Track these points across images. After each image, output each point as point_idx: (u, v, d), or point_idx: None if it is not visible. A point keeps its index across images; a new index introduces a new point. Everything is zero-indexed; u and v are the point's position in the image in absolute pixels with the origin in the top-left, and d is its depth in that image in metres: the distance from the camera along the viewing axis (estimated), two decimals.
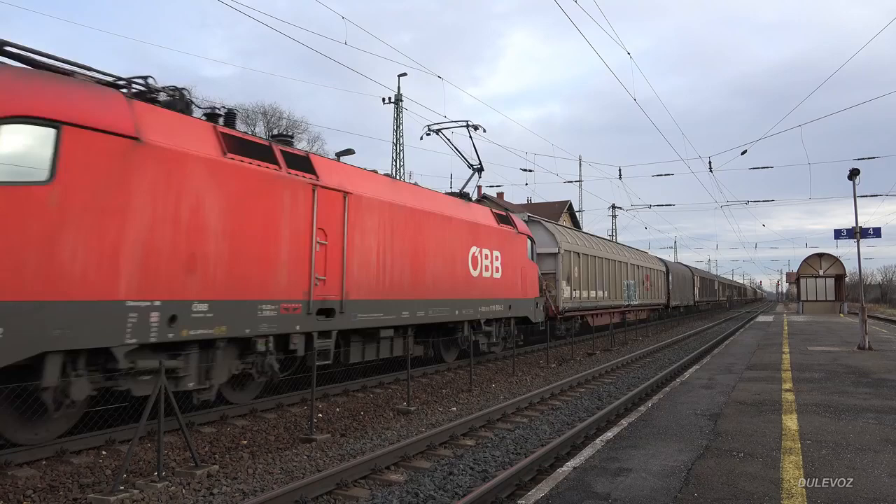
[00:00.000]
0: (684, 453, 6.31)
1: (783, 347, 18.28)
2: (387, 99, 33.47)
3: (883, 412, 8.38)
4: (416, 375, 13.33)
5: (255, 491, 6.20)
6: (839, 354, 16.07)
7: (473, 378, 13.01)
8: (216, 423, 8.80)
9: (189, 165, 7.70)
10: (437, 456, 7.64)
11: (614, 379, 14.63)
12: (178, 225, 7.53)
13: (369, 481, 6.63)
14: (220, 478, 6.59)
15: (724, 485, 5.27)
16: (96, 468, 6.73)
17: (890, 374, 12.16)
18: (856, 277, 50.83)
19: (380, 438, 8.45)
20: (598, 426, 9.12)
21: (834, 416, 8.13)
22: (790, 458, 6.08)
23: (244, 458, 7.36)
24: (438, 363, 14.98)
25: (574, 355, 19.07)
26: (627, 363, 17.76)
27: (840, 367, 13.45)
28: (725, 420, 7.92)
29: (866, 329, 17.76)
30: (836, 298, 44.14)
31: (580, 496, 5.03)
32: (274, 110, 46.42)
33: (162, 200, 7.34)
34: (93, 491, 6.05)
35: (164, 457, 6.62)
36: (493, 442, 8.42)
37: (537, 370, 15.78)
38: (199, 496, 6.04)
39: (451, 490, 6.32)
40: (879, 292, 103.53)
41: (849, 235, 20.11)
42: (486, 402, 11.33)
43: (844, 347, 17.97)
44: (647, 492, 5.10)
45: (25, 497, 5.87)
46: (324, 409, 10.04)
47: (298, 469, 7.00)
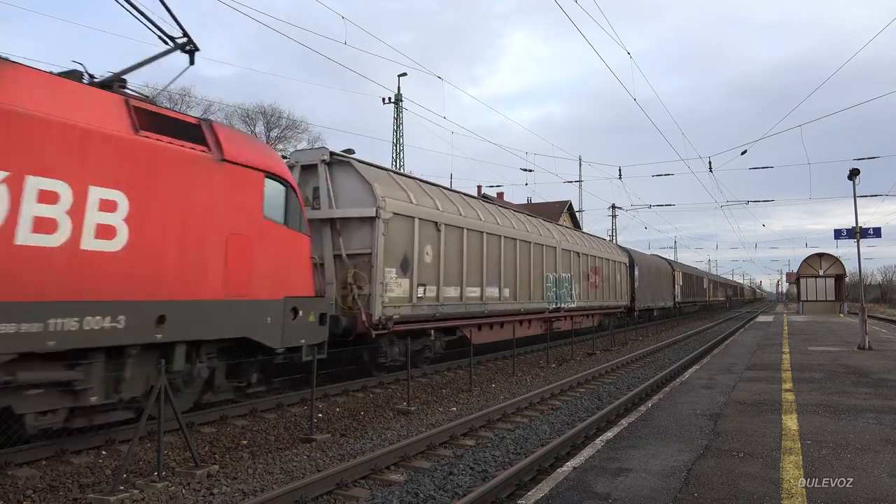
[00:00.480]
0: (684, 453, 6.32)
1: (783, 347, 18.28)
2: (387, 99, 33.50)
3: (883, 412, 8.38)
4: (416, 375, 13.34)
5: (255, 491, 6.20)
6: (839, 354, 16.08)
7: (473, 378, 13.01)
8: (216, 423, 8.80)
9: None
10: (437, 456, 7.64)
11: (614, 379, 14.63)
12: None
13: (369, 481, 6.63)
14: (220, 478, 6.59)
15: (724, 485, 5.27)
16: (96, 468, 6.73)
17: (890, 374, 12.16)
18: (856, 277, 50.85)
19: (380, 438, 8.45)
20: (598, 426, 9.12)
21: (834, 416, 8.13)
22: (790, 458, 6.08)
23: (244, 458, 7.36)
24: (439, 363, 15.00)
25: (574, 355, 19.08)
26: (627, 363, 17.77)
27: (840, 367, 13.45)
28: (725, 420, 7.92)
29: (866, 329, 17.76)
30: (836, 298, 44.15)
31: (580, 496, 5.03)
32: (274, 110, 46.50)
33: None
34: (93, 491, 6.05)
35: (164, 457, 6.62)
36: (493, 442, 8.42)
37: (537, 370, 15.78)
38: (199, 496, 6.04)
39: (451, 490, 6.32)
40: (879, 292, 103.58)
41: (849, 235, 20.11)
42: (486, 402, 11.33)
43: (844, 347, 17.98)
44: (647, 492, 5.10)
45: (25, 497, 5.87)
46: (324, 409, 10.04)
47: (298, 469, 7.00)
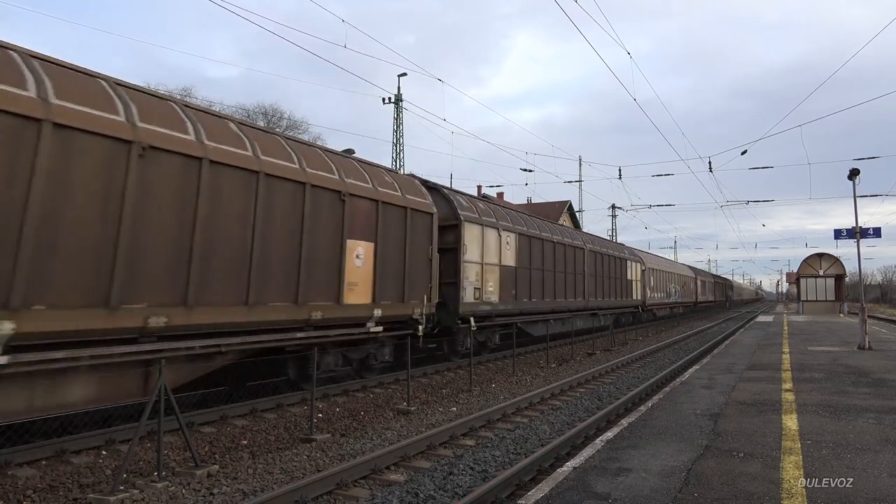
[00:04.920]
0: (684, 453, 6.31)
1: (783, 347, 18.28)
2: (386, 99, 33.47)
3: (883, 412, 8.37)
4: (416, 375, 13.34)
5: (255, 491, 6.20)
6: (839, 354, 16.07)
7: (473, 378, 13.01)
8: (216, 423, 8.80)
9: None
10: (437, 456, 7.64)
11: (614, 379, 14.63)
12: None
13: (369, 481, 6.63)
14: (220, 478, 6.59)
15: (724, 485, 5.26)
16: (96, 468, 6.73)
17: (890, 374, 12.16)
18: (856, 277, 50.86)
19: (380, 438, 8.45)
20: (598, 426, 9.12)
21: (834, 416, 8.13)
22: (790, 458, 6.07)
23: (244, 458, 7.35)
24: (437, 363, 15.00)
25: (574, 355, 19.07)
26: (627, 363, 17.76)
27: (840, 367, 13.45)
28: (725, 420, 7.92)
29: (866, 329, 17.76)
30: (836, 298, 44.14)
31: (580, 496, 5.03)
32: (274, 110, 46.46)
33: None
34: (93, 491, 6.05)
35: (164, 457, 6.62)
36: (493, 442, 8.41)
37: (537, 370, 15.78)
38: (199, 496, 6.04)
39: (451, 490, 6.31)
40: (879, 292, 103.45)
41: (849, 235, 20.11)
42: (486, 402, 11.33)
43: (844, 347, 17.97)
44: (647, 492, 5.10)
45: (25, 497, 5.86)
46: (324, 409, 10.03)
47: (298, 469, 7.00)
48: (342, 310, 10.57)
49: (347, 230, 10.72)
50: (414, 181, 13.95)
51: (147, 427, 6.74)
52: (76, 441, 7.25)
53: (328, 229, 10.31)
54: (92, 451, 7.21)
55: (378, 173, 12.26)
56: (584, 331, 24.31)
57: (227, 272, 8.40)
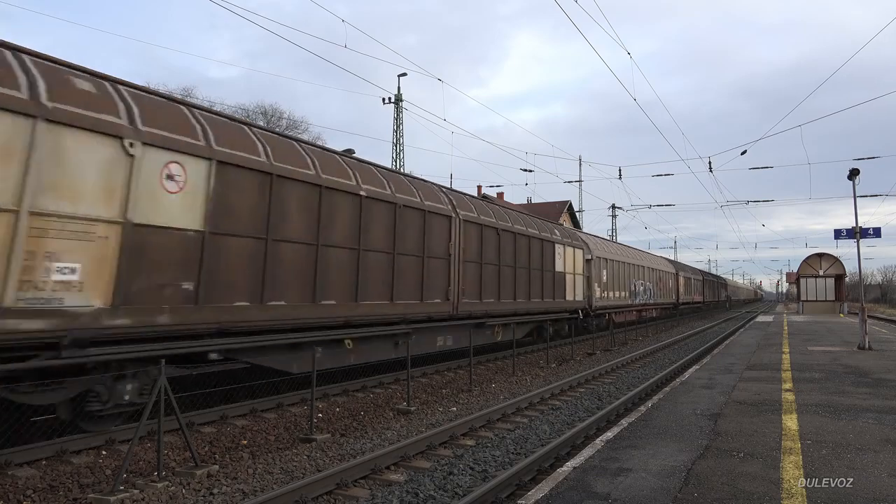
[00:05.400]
0: (684, 453, 6.32)
1: (783, 347, 18.28)
2: (387, 99, 33.49)
3: (883, 412, 8.38)
4: (416, 375, 13.34)
5: (255, 491, 6.20)
6: (839, 354, 16.07)
7: (473, 378, 13.01)
8: (216, 423, 8.80)
9: None
10: (437, 456, 7.64)
11: (614, 379, 14.63)
12: None
13: (369, 481, 6.63)
14: (220, 478, 6.59)
15: (724, 485, 5.27)
16: (96, 468, 6.73)
17: (890, 374, 12.16)
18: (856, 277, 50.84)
19: (380, 438, 8.45)
20: (598, 426, 9.12)
21: (834, 416, 8.13)
22: (790, 458, 6.08)
23: (244, 458, 7.36)
24: (438, 363, 15.00)
25: (574, 355, 19.08)
26: (627, 363, 17.77)
27: (840, 367, 13.45)
28: (725, 420, 7.92)
29: (866, 329, 17.76)
30: (836, 298, 44.15)
31: (580, 496, 5.03)
32: (274, 110, 46.51)
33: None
34: (93, 491, 6.05)
35: (164, 457, 6.62)
36: (493, 442, 8.41)
37: (537, 370, 15.78)
38: (199, 496, 6.04)
39: (451, 490, 6.32)
40: (879, 292, 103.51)
41: (849, 235, 20.11)
42: (486, 402, 11.33)
43: (844, 347, 17.98)
44: (647, 492, 5.10)
45: (25, 497, 5.87)
46: (324, 409, 10.04)
47: (298, 469, 7.00)
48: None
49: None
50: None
51: (147, 427, 6.74)
52: (76, 441, 7.24)
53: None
54: (92, 451, 7.20)
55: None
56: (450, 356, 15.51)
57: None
